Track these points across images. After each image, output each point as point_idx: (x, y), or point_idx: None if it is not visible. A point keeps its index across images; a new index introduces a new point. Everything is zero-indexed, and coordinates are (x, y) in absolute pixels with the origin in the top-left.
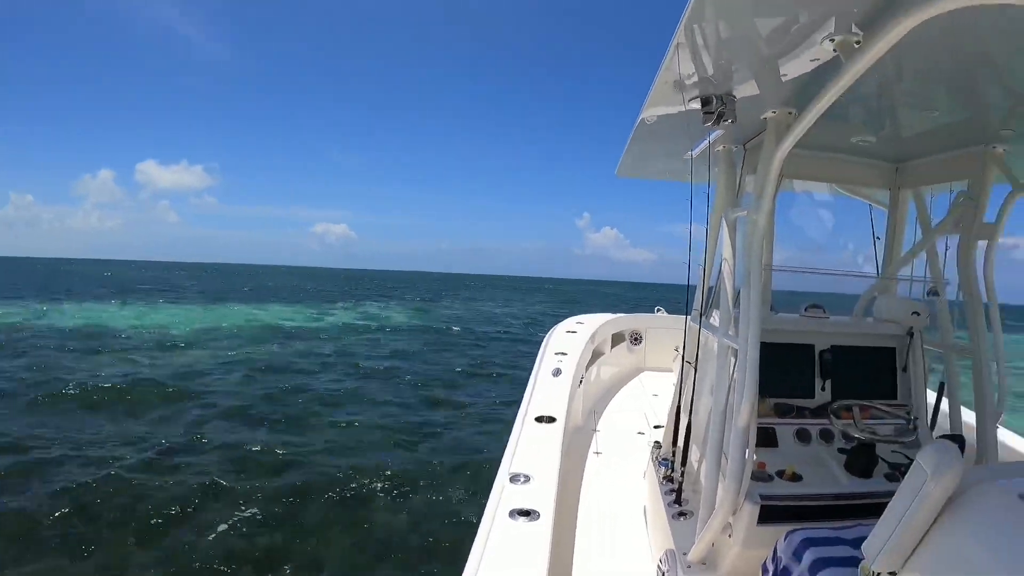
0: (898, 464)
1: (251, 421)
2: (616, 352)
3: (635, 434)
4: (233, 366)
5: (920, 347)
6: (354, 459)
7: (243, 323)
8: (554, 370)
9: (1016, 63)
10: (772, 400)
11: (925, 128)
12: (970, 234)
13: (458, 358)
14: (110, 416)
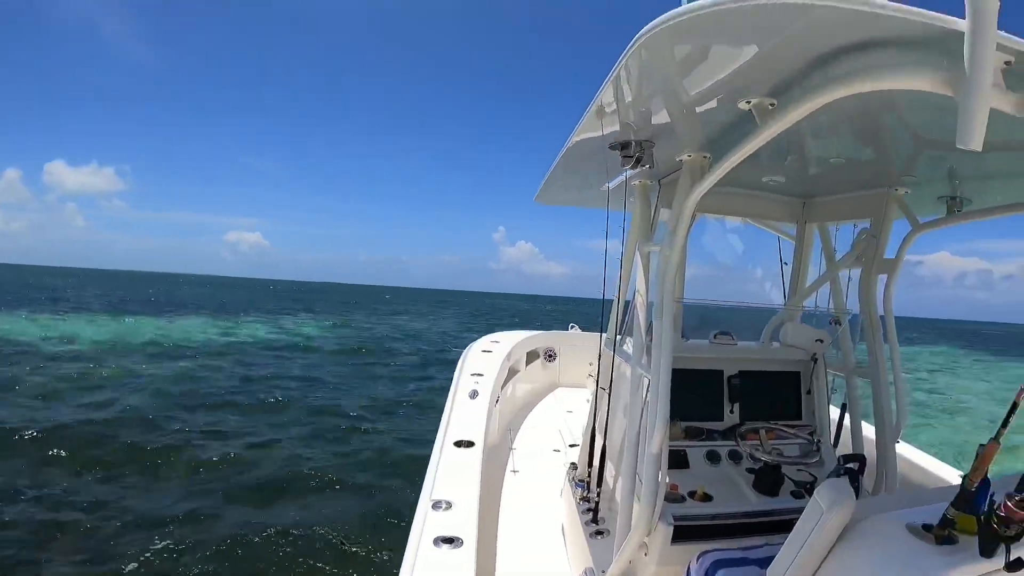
0: (803, 482)
1: (147, 454)
2: (531, 369)
3: (551, 451)
4: (138, 387)
5: (823, 371)
6: (270, 483)
7: (151, 337)
8: (471, 392)
9: (917, 114)
10: (683, 423)
11: (832, 170)
12: (871, 269)
13: (375, 378)
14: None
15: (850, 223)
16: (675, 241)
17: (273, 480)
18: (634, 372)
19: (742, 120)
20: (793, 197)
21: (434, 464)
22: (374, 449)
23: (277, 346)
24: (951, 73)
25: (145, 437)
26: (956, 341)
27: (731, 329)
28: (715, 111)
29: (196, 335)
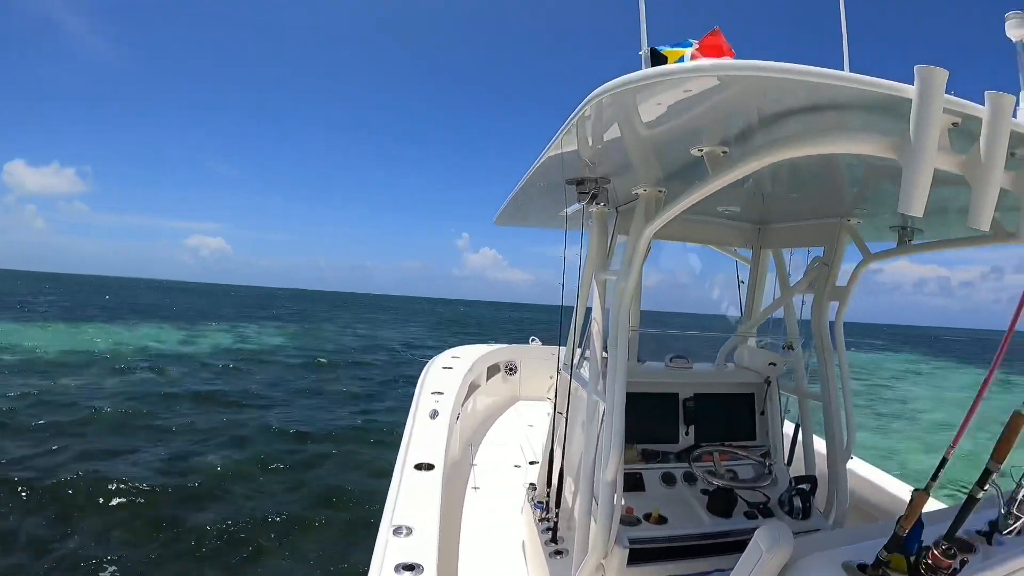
0: (756, 503)
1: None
2: (492, 383)
3: (511, 467)
4: (95, 399)
5: (776, 393)
6: (233, 506)
7: (111, 346)
8: (431, 412)
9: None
10: (639, 446)
11: (787, 199)
12: (823, 296)
13: (335, 393)
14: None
15: (804, 249)
16: (630, 273)
17: (228, 504)
18: (590, 398)
19: (696, 163)
20: (748, 223)
21: (394, 488)
22: (334, 470)
23: (239, 357)
24: (897, 138)
25: (81, 466)
26: (918, 347)
27: (688, 343)
28: (669, 154)
29: (154, 345)
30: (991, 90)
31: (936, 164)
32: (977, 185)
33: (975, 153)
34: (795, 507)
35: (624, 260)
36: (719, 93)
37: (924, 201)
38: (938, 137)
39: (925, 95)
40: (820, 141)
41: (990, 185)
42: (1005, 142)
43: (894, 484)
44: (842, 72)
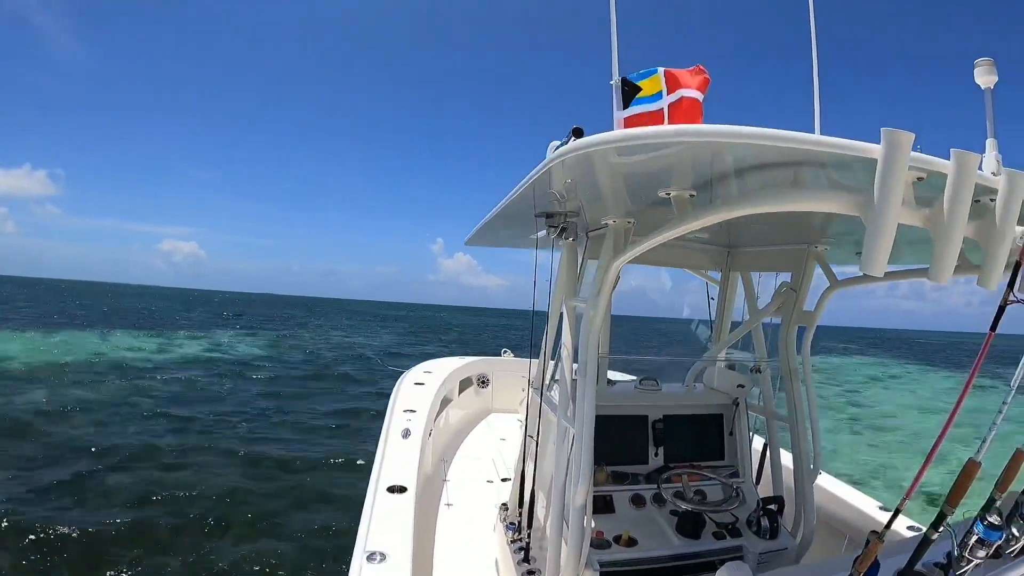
0: (725, 524)
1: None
2: (464, 396)
3: (484, 483)
4: (67, 412)
5: (745, 414)
6: (204, 531)
7: (86, 355)
8: (403, 431)
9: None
10: (609, 468)
11: (756, 226)
12: (790, 320)
13: (311, 405)
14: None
15: (773, 272)
16: (599, 303)
17: (198, 532)
18: (560, 424)
19: (665, 201)
20: (718, 246)
21: (367, 512)
22: (308, 492)
23: (212, 366)
24: (861, 197)
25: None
26: (891, 351)
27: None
28: (638, 192)
29: (128, 354)
30: (956, 148)
31: (899, 220)
32: (939, 241)
33: (939, 208)
34: (763, 527)
35: (593, 290)
36: (686, 150)
37: (885, 263)
38: (902, 197)
39: (890, 158)
40: (786, 198)
41: (951, 243)
42: (968, 201)
43: (861, 500)
44: (809, 135)
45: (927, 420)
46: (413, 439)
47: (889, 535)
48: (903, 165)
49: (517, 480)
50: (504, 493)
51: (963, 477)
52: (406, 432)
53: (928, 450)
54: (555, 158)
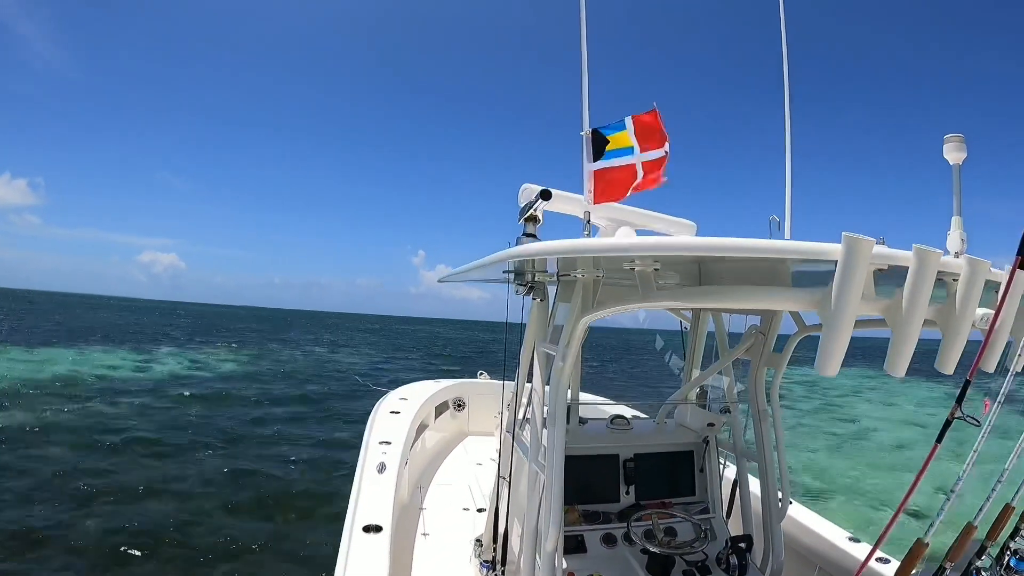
0: (695, 561)
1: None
2: (440, 420)
3: (461, 511)
4: (45, 434)
5: (715, 451)
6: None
7: (65, 372)
8: (379, 465)
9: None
10: (581, 508)
11: (728, 272)
12: (759, 362)
13: (288, 433)
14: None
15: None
16: (568, 355)
17: (166, 562)
18: (531, 468)
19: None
20: (690, 287)
21: (343, 554)
22: (285, 527)
23: (192, 385)
24: (819, 295)
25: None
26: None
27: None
28: (603, 260)
29: (107, 372)
30: (919, 244)
31: (858, 314)
32: (897, 334)
33: (897, 300)
34: (732, 564)
35: (561, 342)
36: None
37: (839, 365)
38: (860, 296)
39: (850, 265)
40: (746, 298)
41: (909, 337)
42: (927, 297)
43: (832, 531)
44: (767, 242)
45: (907, 431)
46: (388, 474)
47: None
48: (862, 272)
49: (491, 518)
50: (480, 523)
51: (911, 557)
52: (381, 467)
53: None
54: (504, 258)
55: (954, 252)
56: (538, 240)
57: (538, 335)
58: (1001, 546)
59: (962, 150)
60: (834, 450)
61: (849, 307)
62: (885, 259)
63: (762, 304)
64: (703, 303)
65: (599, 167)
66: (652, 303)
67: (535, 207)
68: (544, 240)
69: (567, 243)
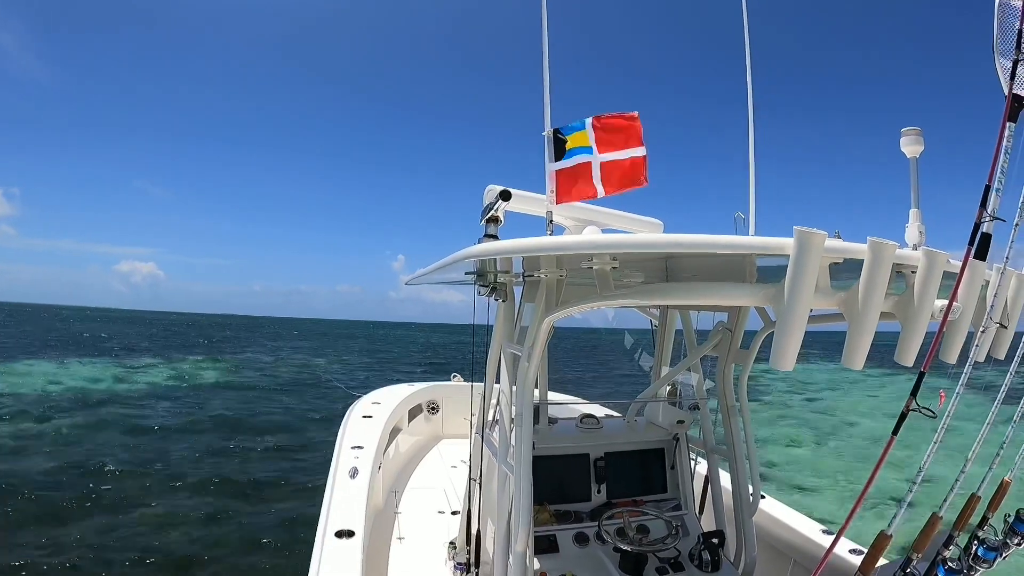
0: (667, 558)
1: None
2: (414, 424)
3: (436, 514)
4: (30, 452)
5: (685, 448)
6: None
7: (45, 386)
8: (351, 470)
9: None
10: (552, 507)
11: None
12: (726, 358)
13: (273, 437)
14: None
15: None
16: (533, 355)
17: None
18: (500, 469)
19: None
20: (656, 284)
21: (316, 559)
22: (255, 530)
23: (175, 396)
24: (773, 289)
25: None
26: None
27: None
28: (564, 258)
29: (88, 386)
30: (873, 236)
31: (813, 305)
32: (854, 327)
33: (853, 293)
34: (704, 560)
35: (527, 342)
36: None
37: (794, 359)
38: (813, 290)
39: (801, 259)
40: (703, 294)
41: (866, 330)
42: (883, 290)
43: (805, 523)
44: (722, 237)
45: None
46: (361, 479)
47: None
48: (814, 266)
49: (464, 520)
50: (455, 526)
51: (874, 550)
52: (354, 471)
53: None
54: (461, 257)
55: (912, 244)
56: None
57: (504, 336)
58: (969, 535)
59: (919, 143)
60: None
61: (801, 301)
62: (839, 252)
63: (718, 300)
64: (663, 300)
65: (560, 167)
66: (613, 301)
67: (496, 208)
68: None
69: (519, 242)
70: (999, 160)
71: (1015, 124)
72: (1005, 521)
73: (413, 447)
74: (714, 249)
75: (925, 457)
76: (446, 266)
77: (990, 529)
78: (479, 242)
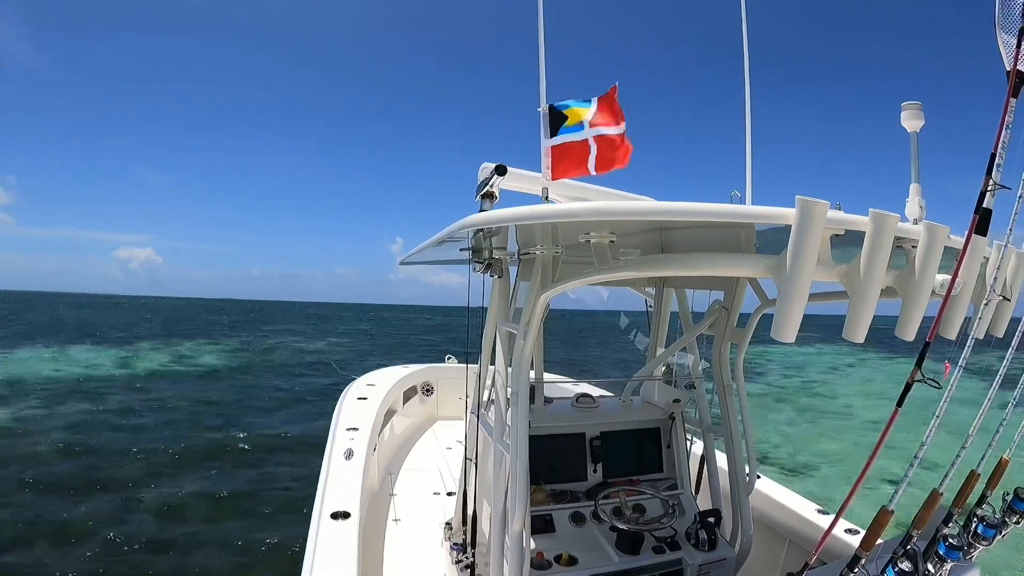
0: (664, 537)
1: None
2: (409, 405)
3: (431, 495)
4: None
5: (681, 428)
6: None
7: (48, 372)
8: (346, 452)
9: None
10: (548, 487)
11: (690, 245)
12: (722, 337)
13: (275, 420)
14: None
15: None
16: (529, 333)
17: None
18: (496, 448)
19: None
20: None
21: (312, 540)
22: (254, 515)
23: (191, 376)
24: (775, 260)
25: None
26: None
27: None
28: (560, 233)
29: (89, 371)
30: (875, 208)
31: (815, 277)
32: (855, 299)
33: (855, 266)
34: (701, 539)
35: (522, 320)
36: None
37: (796, 330)
38: (816, 260)
39: (804, 229)
40: (702, 264)
41: (867, 303)
42: (885, 263)
43: (801, 503)
44: (721, 205)
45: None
46: (356, 460)
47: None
48: (816, 235)
49: (460, 501)
50: (451, 507)
51: (876, 525)
52: (349, 453)
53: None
54: (459, 227)
55: (913, 219)
56: None
57: (500, 315)
58: (968, 513)
59: (919, 118)
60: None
61: (804, 271)
62: (840, 224)
63: (718, 270)
64: (660, 271)
65: (556, 143)
66: (610, 274)
67: (491, 183)
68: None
69: (517, 210)
70: (1001, 138)
71: (1016, 100)
72: (1004, 499)
73: (408, 429)
74: (718, 217)
75: (928, 429)
76: (444, 239)
77: (988, 507)
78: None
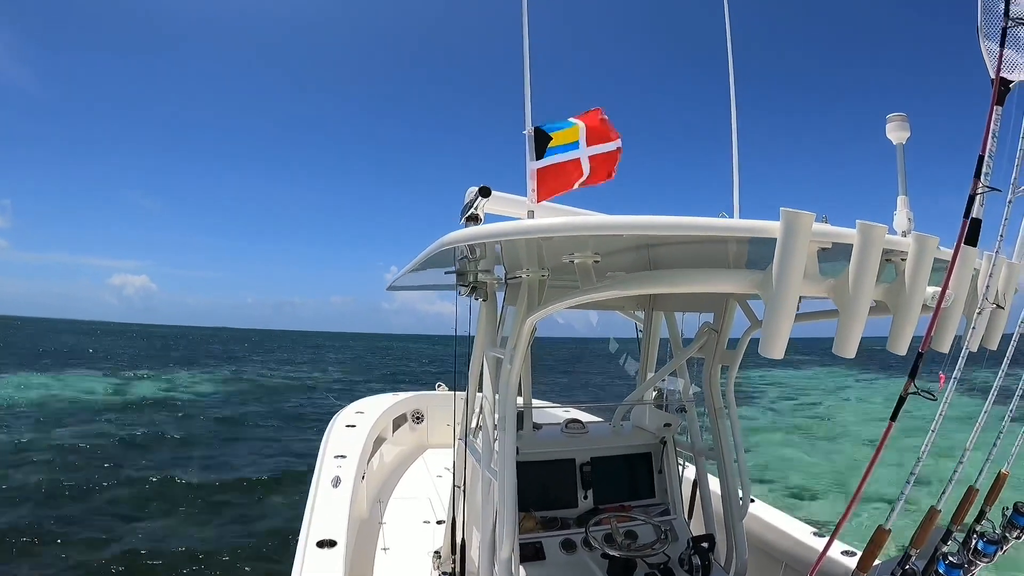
0: (657, 564)
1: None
2: (399, 433)
3: (421, 524)
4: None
5: (673, 452)
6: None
7: (41, 396)
8: (333, 479)
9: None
10: (538, 514)
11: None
12: (712, 359)
13: (268, 452)
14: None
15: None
16: (515, 357)
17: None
18: (484, 475)
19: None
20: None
21: (297, 570)
22: (243, 540)
23: (184, 405)
24: (760, 275)
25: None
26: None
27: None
28: (545, 254)
29: (84, 397)
30: (862, 219)
31: (802, 292)
32: (845, 314)
33: (844, 279)
34: (695, 565)
35: (509, 344)
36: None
37: (784, 346)
38: (803, 273)
39: (789, 242)
40: (688, 280)
41: (857, 317)
42: (874, 275)
43: (796, 526)
44: (706, 220)
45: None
46: (343, 487)
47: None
48: (802, 247)
49: (449, 528)
50: (440, 536)
51: (872, 545)
52: (336, 480)
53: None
54: (439, 246)
55: (901, 232)
56: None
57: (487, 341)
58: (967, 530)
59: (905, 129)
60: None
61: (791, 285)
62: (827, 236)
63: (703, 286)
64: (645, 288)
65: (542, 165)
66: (595, 294)
67: (476, 205)
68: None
69: (500, 226)
70: (987, 145)
71: (1002, 108)
72: (1003, 514)
73: (398, 457)
74: (701, 231)
75: (924, 443)
76: (426, 258)
77: (988, 523)
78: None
